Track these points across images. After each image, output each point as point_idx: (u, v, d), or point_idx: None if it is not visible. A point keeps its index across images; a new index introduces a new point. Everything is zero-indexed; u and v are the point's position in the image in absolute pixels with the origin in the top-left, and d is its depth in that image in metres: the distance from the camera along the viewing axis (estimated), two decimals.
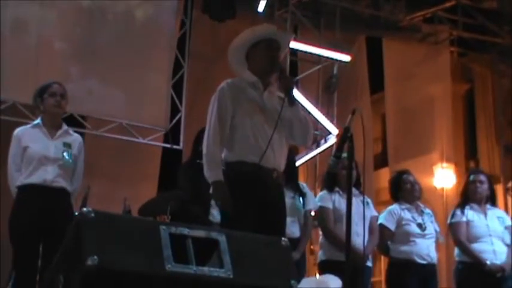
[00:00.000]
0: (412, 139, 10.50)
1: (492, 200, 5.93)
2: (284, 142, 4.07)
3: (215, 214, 4.82)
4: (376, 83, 10.82)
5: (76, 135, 5.05)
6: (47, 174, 4.65)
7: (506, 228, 5.74)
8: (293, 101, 4.07)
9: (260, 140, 3.93)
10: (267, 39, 4.10)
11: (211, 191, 4.80)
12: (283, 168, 4.08)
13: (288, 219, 4.42)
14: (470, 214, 5.72)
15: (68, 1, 8.06)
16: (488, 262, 5.51)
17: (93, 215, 2.64)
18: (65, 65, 7.84)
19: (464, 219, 5.71)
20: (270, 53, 4.08)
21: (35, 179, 4.64)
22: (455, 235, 5.75)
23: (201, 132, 5.11)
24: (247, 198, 3.85)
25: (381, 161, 11.82)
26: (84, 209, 2.71)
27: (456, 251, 5.82)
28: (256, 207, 3.85)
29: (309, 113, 8.63)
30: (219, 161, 3.92)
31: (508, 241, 5.67)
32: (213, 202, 4.82)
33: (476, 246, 5.61)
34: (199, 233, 2.87)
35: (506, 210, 8.87)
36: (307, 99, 8.69)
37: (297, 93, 4.48)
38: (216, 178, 3.88)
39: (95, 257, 2.51)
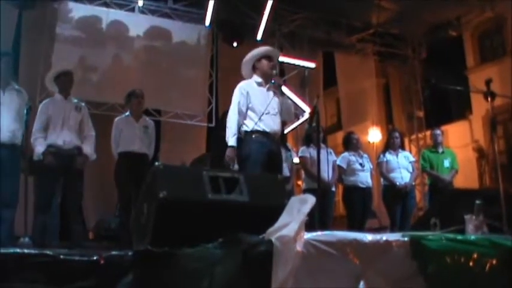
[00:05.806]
0: (355, 113, 10.49)
1: (402, 147, 5.99)
2: (279, 118, 3.98)
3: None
4: (332, 80, 10.80)
5: (150, 121, 5.07)
6: (135, 146, 4.75)
7: (410, 162, 5.80)
8: (283, 94, 4.06)
9: (267, 117, 3.86)
10: (266, 55, 4.01)
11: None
12: (279, 133, 4.04)
13: (283, 165, 4.40)
14: (388, 156, 5.76)
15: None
16: (397, 183, 5.59)
17: (162, 166, 2.66)
18: (139, 77, 7.59)
19: (384, 159, 5.76)
20: (270, 64, 3.99)
21: (129, 148, 4.74)
22: (379, 169, 5.82)
23: (223, 115, 5.15)
24: (260, 151, 3.77)
25: (337, 127, 11.90)
26: (157, 163, 2.74)
27: (381, 178, 5.87)
28: (266, 155, 3.78)
29: (291, 99, 8.58)
30: (235, 131, 3.80)
31: (411, 170, 5.75)
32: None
33: (391, 175, 5.67)
34: (227, 174, 2.82)
35: (410, 151, 8.94)
36: (291, 90, 8.62)
37: (284, 88, 4.44)
38: (230, 143, 3.75)
39: (165, 191, 2.50)
